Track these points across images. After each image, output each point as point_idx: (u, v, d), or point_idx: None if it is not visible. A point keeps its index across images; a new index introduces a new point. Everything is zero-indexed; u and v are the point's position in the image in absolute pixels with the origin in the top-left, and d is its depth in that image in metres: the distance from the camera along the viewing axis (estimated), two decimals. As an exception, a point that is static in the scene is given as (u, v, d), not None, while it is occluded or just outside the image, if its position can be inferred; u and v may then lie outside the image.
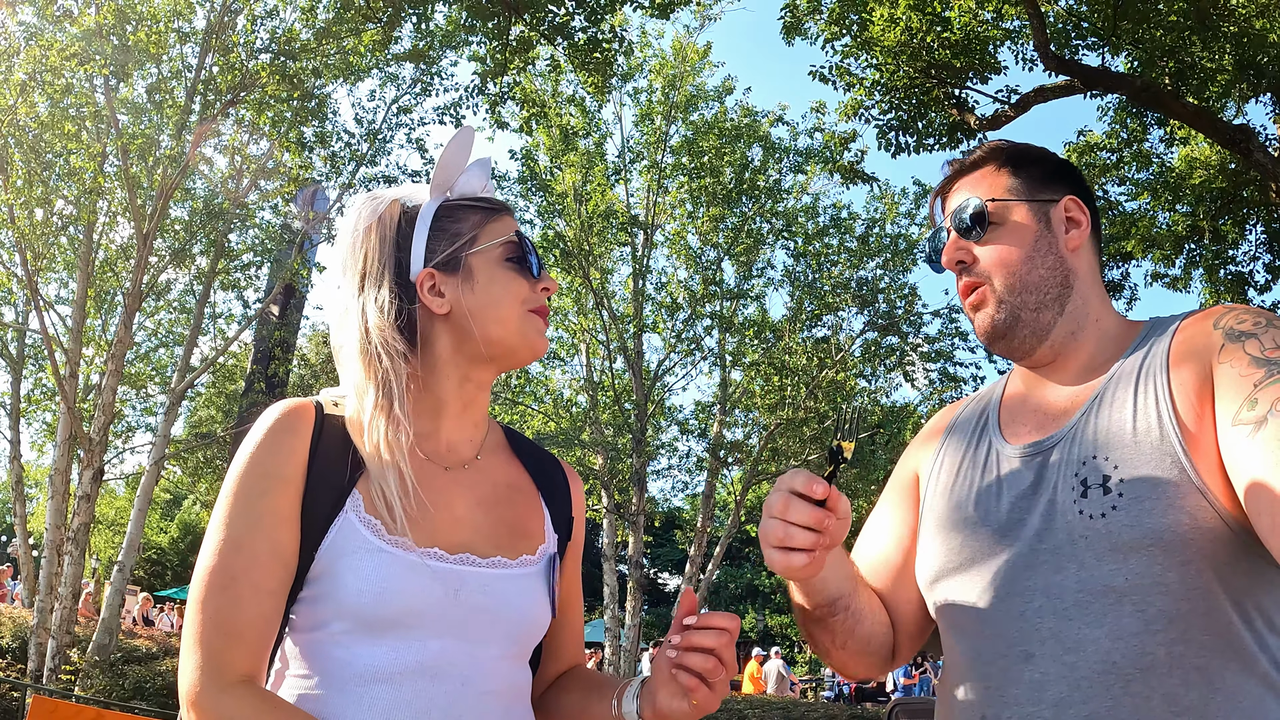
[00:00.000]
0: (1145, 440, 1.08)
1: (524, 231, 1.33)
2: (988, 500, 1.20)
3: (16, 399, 13.32)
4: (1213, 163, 11.88)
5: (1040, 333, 1.23)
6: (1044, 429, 1.21)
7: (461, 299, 1.21)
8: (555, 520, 1.28)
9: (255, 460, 1.09)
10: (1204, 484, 1.04)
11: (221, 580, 1.03)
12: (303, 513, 1.08)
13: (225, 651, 1.01)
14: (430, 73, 11.87)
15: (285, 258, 11.92)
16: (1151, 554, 1.04)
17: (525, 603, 1.15)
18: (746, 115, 16.23)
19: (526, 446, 1.34)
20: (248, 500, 1.07)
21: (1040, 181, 1.28)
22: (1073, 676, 1.05)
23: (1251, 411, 0.99)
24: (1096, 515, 1.07)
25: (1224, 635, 1.02)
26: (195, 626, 1.02)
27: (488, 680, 1.11)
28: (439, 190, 1.27)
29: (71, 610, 9.37)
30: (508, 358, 1.24)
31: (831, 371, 16.25)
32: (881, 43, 9.32)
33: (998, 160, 1.30)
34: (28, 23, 9.79)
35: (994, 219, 1.25)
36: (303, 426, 1.13)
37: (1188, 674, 1.01)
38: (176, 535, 36.70)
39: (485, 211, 1.26)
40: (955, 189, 1.32)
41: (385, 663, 1.05)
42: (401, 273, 1.21)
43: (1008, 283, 1.23)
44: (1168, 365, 1.12)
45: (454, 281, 1.21)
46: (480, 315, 1.21)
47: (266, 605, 1.04)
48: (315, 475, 1.10)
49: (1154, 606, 1.03)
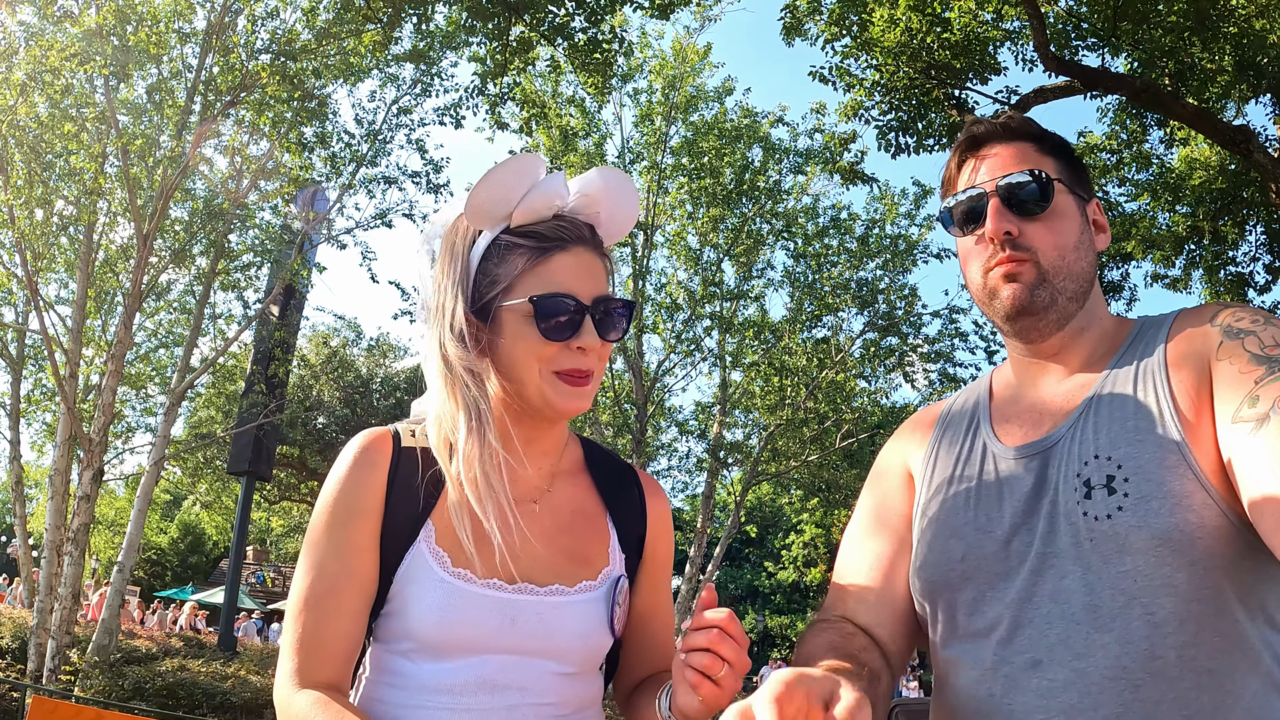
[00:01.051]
0: (1148, 439, 1.07)
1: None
2: (988, 506, 1.18)
3: (16, 399, 13.32)
4: (1213, 163, 11.88)
5: (1063, 320, 1.21)
6: (1040, 428, 1.19)
7: (491, 352, 1.20)
8: (624, 539, 1.29)
9: (337, 493, 1.17)
10: (1208, 481, 1.03)
11: (306, 603, 1.14)
12: (382, 539, 1.16)
13: (308, 661, 1.13)
14: (430, 73, 11.87)
15: (285, 258, 11.92)
16: (1160, 555, 1.02)
17: (580, 628, 1.19)
18: (746, 116, 16.23)
19: (603, 463, 1.35)
20: (330, 530, 1.16)
21: (1077, 177, 1.26)
22: (1082, 683, 1.03)
23: (1253, 409, 0.98)
24: (1102, 516, 1.06)
25: (1232, 636, 1.01)
26: (287, 637, 1.15)
27: (546, 694, 1.17)
28: (492, 221, 1.21)
29: (71, 610, 9.37)
30: (540, 414, 1.23)
31: (831, 372, 16.25)
32: (881, 43, 9.32)
33: (1041, 142, 1.25)
34: (28, 23, 9.79)
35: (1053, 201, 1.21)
36: (380, 460, 1.19)
37: (1199, 677, 1.00)
38: (176, 536, 36.71)
39: (536, 250, 1.19)
40: (991, 152, 1.26)
41: (447, 678, 1.14)
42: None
43: (1056, 264, 1.19)
44: (1166, 363, 1.12)
45: (487, 332, 1.20)
46: (505, 372, 1.20)
47: (345, 625, 1.14)
48: (393, 506, 1.17)
49: (1163, 609, 1.02)
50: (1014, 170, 1.21)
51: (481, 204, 1.19)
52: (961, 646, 1.15)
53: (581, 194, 1.24)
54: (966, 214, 1.24)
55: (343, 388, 19.70)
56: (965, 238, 1.26)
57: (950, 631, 1.18)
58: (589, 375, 1.21)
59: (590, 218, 1.25)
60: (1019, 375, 1.29)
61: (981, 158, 1.26)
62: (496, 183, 1.18)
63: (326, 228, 12.36)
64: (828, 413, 16.28)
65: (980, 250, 1.23)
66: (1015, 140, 1.25)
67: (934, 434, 1.33)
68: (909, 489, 1.33)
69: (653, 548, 1.33)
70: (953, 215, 1.26)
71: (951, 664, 1.16)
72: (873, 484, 1.39)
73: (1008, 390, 1.29)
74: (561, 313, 1.17)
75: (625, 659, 1.33)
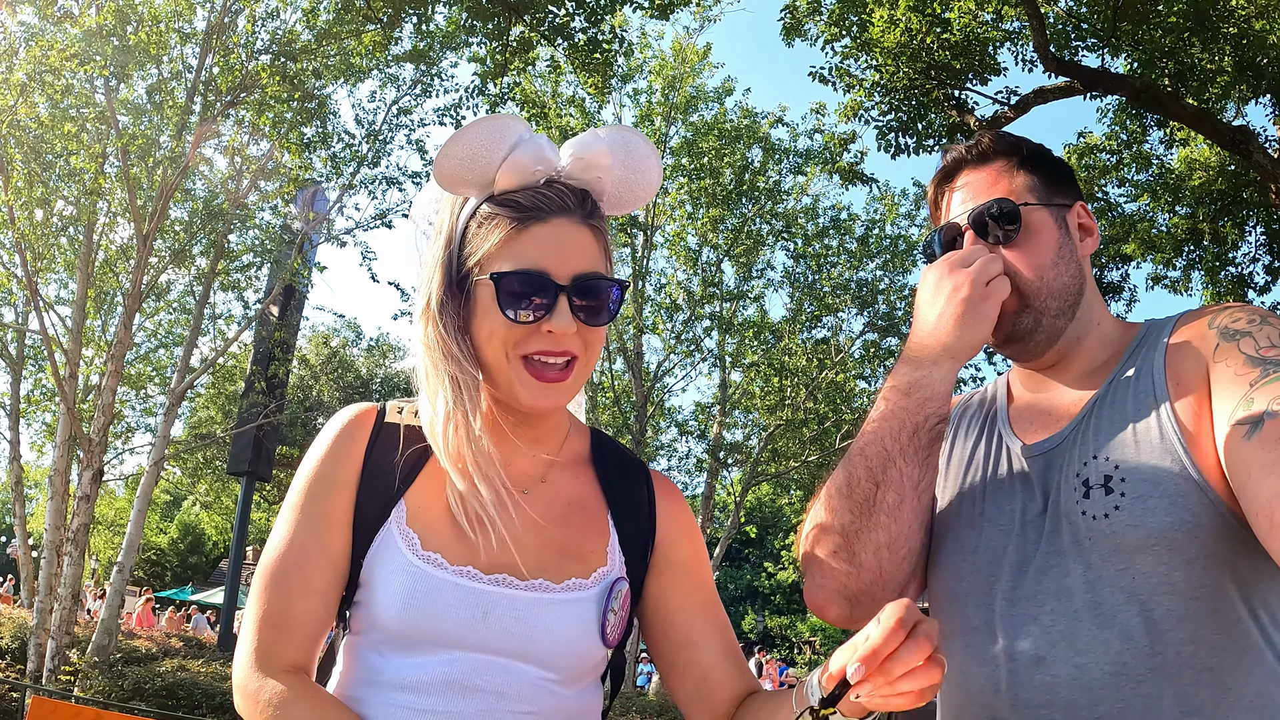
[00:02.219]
0: (1145, 439, 1.08)
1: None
2: (999, 500, 1.20)
3: (16, 400, 13.32)
4: (1212, 164, 11.88)
5: (1053, 338, 1.22)
6: (1048, 430, 1.21)
7: (467, 331, 1.11)
8: (626, 540, 1.17)
9: (314, 464, 1.12)
10: (1205, 481, 1.03)
11: (274, 575, 1.07)
12: (355, 515, 1.09)
13: (274, 642, 1.05)
14: (430, 74, 11.86)
15: (285, 258, 11.91)
16: (1157, 553, 1.03)
17: (564, 629, 1.07)
18: (746, 116, 16.23)
19: (612, 458, 1.23)
20: (304, 502, 1.10)
21: (1054, 184, 1.26)
22: (1084, 679, 1.04)
23: (1247, 411, 0.99)
24: (1100, 516, 1.07)
25: (1232, 633, 1.02)
26: (250, 616, 1.07)
27: (526, 702, 1.06)
28: (468, 186, 1.10)
29: (71, 611, 9.36)
30: (511, 400, 1.12)
31: (831, 373, 16.24)
32: (881, 44, 9.31)
33: (1011, 157, 1.25)
34: (28, 23, 9.79)
35: (1022, 223, 1.21)
36: (360, 433, 1.13)
37: (1199, 674, 1.01)
38: (176, 536, 36.70)
39: (511, 221, 1.07)
40: (963, 181, 1.27)
41: (413, 674, 1.05)
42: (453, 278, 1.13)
43: (1035, 288, 1.19)
44: (1165, 366, 1.13)
45: (463, 308, 1.11)
46: (480, 354, 1.11)
47: (314, 602, 1.07)
48: (368, 481, 1.10)
49: (1162, 606, 1.03)
50: (984, 199, 1.23)
51: (450, 169, 1.08)
52: (966, 639, 1.17)
53: (577, 156, 1.11)
54: (946, 247, 1.27)
55: (342, 388, 19.70)
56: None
57: (957, 623, 1.19)
58: (566, 369, 1.09)
59: (589, 184, 1.12)
60: (1026, 381, 1.31)
61: (955, 188, 1.28)
62: (464, 144, 1.07)
63: (326, 228, 12.36)
64: (827, 413, 16.28)
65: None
66: (986, 164, 1.26)
67: (950, 423, 1.34)
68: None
69: (668, 550, 1.20)
70: (934, 247, 1.29)
71: (956, 656, 1.17)
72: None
73: (1024, 391, 1.31)
74: (528, 292, 1.05)
75: (691, 676, 1.16)
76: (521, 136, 1.09)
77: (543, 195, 1.08)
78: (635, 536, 1.18)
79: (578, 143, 1.12)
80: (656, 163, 1.17)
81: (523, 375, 1.08)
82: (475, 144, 1.07)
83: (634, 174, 1.15)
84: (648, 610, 1.20)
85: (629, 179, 1.15)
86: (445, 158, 1.08)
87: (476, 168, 1.08)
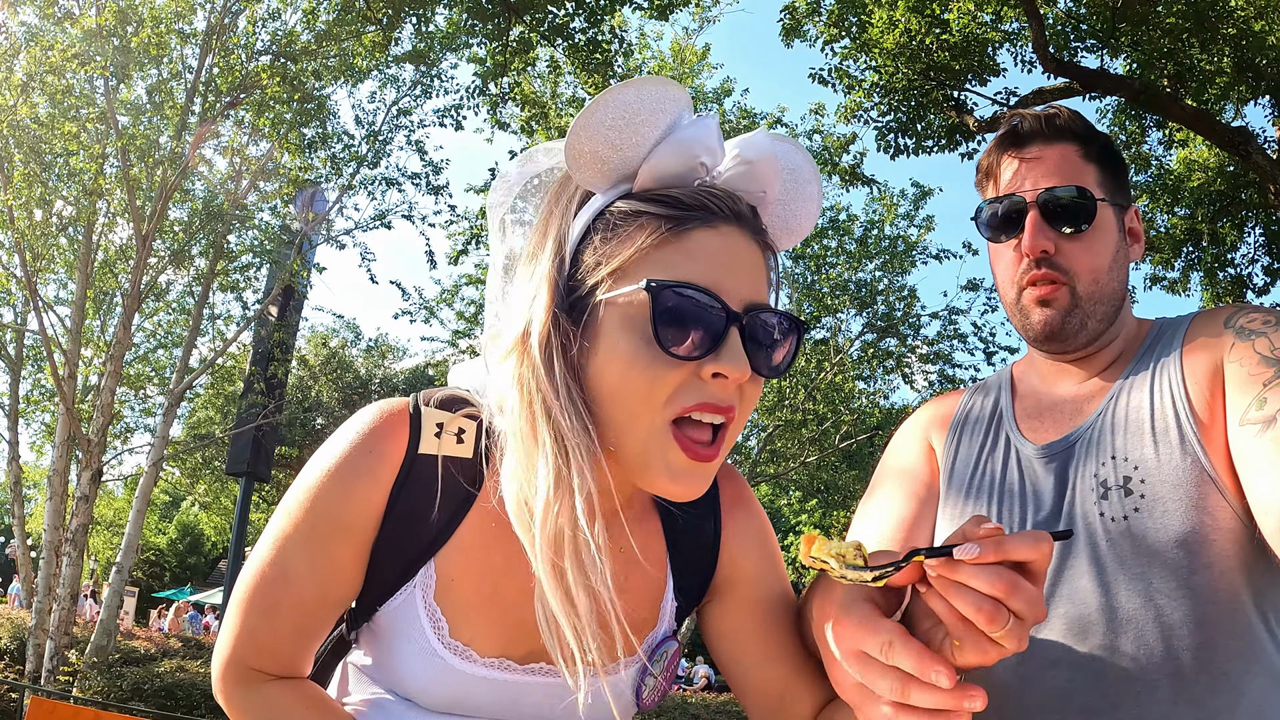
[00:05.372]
0: (1164, 440, 1.07)
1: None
2: (1010, 504, 1.18)
3: (15, 400, 13.30)
4: (1211, 165, 11.88)
5: (1092, 340, 1.20)
6: (1061, 427, 1.19)
7: (581, 370, 0.83)
8: (681, 585, 1.00)
9: (325, 497, 0.89)
10: (1223, 484, 1.03)
11: (264, 605, 0.92)
12: (371, 560, 0.91)
13: (254, 660, 0.94)
14: (430, 74, 11.86)
15: (284, 259, 11.91)
16: (1176, 557, 1.02)
17: (600, 704, 0.94)
18: (745, 117, 16.23)
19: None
20: (308, 539, 0.90)
21: (1119, 182, 1.21)
22: (1099, 684, 1.03)
23: (1260, 411, 0.98)
24: (1119, 518, 1.06)
25: (1246, 637, 1.01)
26: (231, 630, 0.94)
27: None
28: (605, 177, 0.82)
29: (70, 611, 9.36)
30: (638, 479, 0.84)
31: (830, 373, 16.24)
32: (881, 45, 9.32)
33: (1088, 144, 1.19)
34: (28, 23, 9.79)
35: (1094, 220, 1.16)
36: (383, 470, 0.88)
37: (1214, 679, 1.00)
38: (175, 536, 36.66)
39: (668, 221, 0.79)
40: (1034, 153, 1.18)
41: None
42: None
43: (1090, 290, 1.16)
44: (1182, 366, 1.12)
45: (581, 336, 0.82)
46: (602, 402, 0.82)
47: (303, 640, 0.95)
48: (390, 527, 0.89)
49: (1179, 611, 1.01)
50: (1056, 181, 1.15)
51: (591, 149, 0.79)
52: None
53: (742, 159, 0.85)
54: (1004, 220, 1.18)
55: (341, 388, 19.68)
56: (998, 244, 1.21)
57: None
58: (715, 441, 0.80)
59: (751, 197, 0.86)
60: (1041, 374, 1.28)
61: (1023, 158, 1.19)
62: (616, 109, 0.78)
63: (326, 228, 12.36)
64: (826, 414, 16.27)
65: (1013, 260, 1.19)
66: (1060, 141, 1.18)
67: (953, 424, 1.32)
68: (931, 459, 1.31)
69: (729, 571, 1.03)
70: (988, 217, 1.20)
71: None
72: (893, 452, 1.36)
73: (1031, 387, 1.28)
74: (695, 314, 0.76)
75: (769, 696, 1.03)
76: (683, 114, 0.82)
77: (709, 193, 0.82)
78: (693, 577, 1.02)
79: (745, 144, 0.86)
80: (819, 197, 0.92)
81: (671, 448, 0.79)
82: (631, 110, 0.79)
83: (793, 201, 0.90)
84: (710, 635, 1.06)
85: (788, 208, 0.91)
86: (589, 126, 0.79)
87: (628, 144, 0.80)
